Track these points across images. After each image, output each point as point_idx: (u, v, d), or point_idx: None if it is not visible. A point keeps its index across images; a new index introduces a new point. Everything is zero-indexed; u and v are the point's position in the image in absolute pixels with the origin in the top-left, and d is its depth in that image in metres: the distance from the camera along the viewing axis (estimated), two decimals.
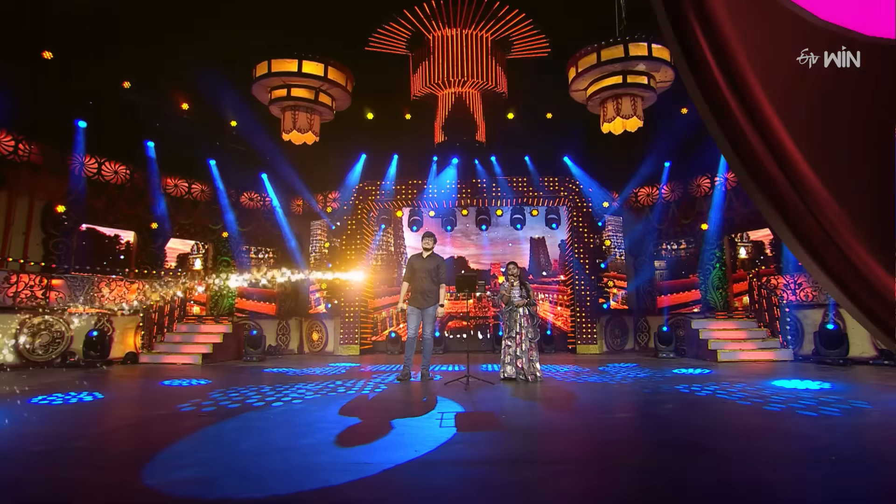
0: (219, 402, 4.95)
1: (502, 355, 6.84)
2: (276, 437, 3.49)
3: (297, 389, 5.83)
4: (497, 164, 13.21)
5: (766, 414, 4.22)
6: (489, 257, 14.42)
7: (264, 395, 5.30)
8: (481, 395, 5.39)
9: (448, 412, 4.29)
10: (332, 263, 13.20)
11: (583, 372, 7.76)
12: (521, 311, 6.82)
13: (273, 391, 5.68)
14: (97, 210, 11.36)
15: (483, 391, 5.65)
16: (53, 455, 3.05)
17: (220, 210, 13.09)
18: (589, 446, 3.35)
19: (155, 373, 8.22)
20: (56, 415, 4.43)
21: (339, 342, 12.66)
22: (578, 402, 5.01)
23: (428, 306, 6.83)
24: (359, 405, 4.82)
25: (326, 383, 6.44)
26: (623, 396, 5.44)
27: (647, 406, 4.84)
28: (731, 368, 8.09)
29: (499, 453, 3.11)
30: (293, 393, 5.52)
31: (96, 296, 10.38)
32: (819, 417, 3.95)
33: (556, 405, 4.84)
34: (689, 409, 4.55)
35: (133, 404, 5.14)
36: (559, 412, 4.51)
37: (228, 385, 6.24)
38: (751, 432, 3.69)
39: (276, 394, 5.48)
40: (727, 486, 2.43)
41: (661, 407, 4.68)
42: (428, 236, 7.01)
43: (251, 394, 5.46)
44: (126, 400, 5.45)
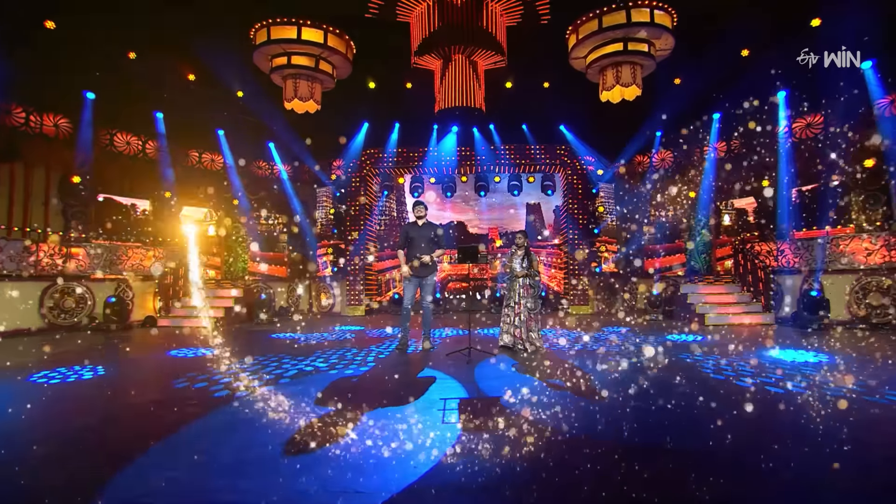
0: (213, 380, 4.46)
1: (501, 323, 6.35)
2: (255, 443, 2.85)
3: (296, 363, 5.34)
4: (495, 133, 12.33)
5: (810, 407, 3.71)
6: (487, 222, 13.76)
7: (260, 373, 4.78)
8: (484, 371, 4.89)
9: (451, 398, 3.79)
10: (337, 228, 12.55)
11: (581, 338, 7.28)
12: (520, 280, 6.27)
13: (273, 365, 5.19)
14: (111, 180, 10.64)
15: (486, 366, 5.15)
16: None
17: (230, 178, 12.33)
18: (621, 459, 2.84)
19: (167, 339, 7.76)
20: (41, 401, 3.85)
21: (345, 304, 12.20)
22: (587, 385, 4.51)
23: (427, 275, 6.25)
24: (355, 388, 4.32)
25: (330, 353, 5.95)
26: (632, 375, 4.95)
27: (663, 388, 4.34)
28: (720, 334, 7.62)
29: (510, 473, 2.47)
30: (293, 369, 5.03)
31: (117, 262, 9.82)
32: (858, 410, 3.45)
33: (565, 390, 4.34)
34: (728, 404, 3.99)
35: (128, 384, 4.48)
36: (569, 399, 4.00)
37: (230, 356, 5.76)
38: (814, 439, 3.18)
39: (274, 369, 4.99)
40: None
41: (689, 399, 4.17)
42: (419, 205, 6.27)
43: (248, 370, 4.96)
44: (123, 378, 4.77)
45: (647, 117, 11.79)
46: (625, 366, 4.96)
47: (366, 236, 12.49)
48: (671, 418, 3.29)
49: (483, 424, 3.14)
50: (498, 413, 3.39)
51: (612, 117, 11.56)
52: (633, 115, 11.64)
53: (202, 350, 6.28)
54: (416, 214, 6.28)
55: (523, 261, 6.34)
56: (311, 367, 5.09)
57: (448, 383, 4.35)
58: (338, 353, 6.03)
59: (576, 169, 12.24)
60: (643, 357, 5.49)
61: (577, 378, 4.46)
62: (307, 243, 13.39)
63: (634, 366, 4.98)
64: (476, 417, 3.31)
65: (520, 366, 5.15)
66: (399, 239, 6.32)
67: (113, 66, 9.78)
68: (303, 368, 5.03)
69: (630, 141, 12.30)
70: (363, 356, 5.79)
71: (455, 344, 6.72)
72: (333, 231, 12.63)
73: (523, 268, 6.29)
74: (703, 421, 3.21)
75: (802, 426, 3.10)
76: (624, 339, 7.14)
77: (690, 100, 10.79)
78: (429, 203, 13.79)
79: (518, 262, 6.32)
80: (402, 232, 6.32)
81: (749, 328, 8.28)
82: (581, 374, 4.65)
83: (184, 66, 10.93)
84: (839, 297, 8.55)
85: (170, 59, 10.91)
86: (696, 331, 8.02)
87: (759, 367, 4.93)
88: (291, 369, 4.99)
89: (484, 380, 4.47)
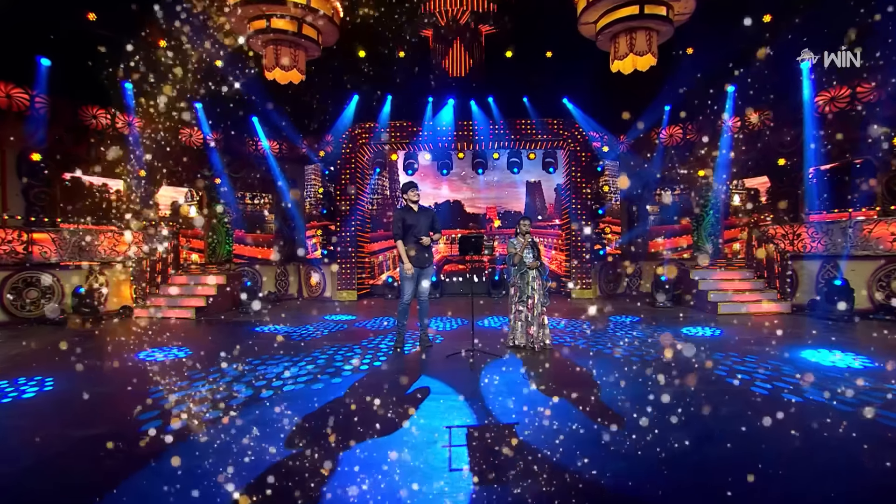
0: (171, 401, 3.79)
1: (512, 321, 5.69)
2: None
3: (277, 369, 4.68)
4: (495, 106, 11.45)
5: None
6: (485, 201, 13.01)
7: (231, 390, 4.10)
8: (492, 380, 4.26)
9: (457, 426, 3.16)
10: (326, 208, 11.75)
11: (590, 331, 6.68)
12: (532, 273, 5.61)
13: (248, 377, 4.53)
14: (78, 157, 9.68)
15: (492, 372, 4.52)
16: None
17: (210, 155, 11.40)
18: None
19: (141, 334, 7.06)
20: None
21: (336, 287, 11.52)
22: (614, 406, 3.91)
23: (427, 265, 5.56)
24: (338, 409, 3.68)
25: (316, 353, 5.29)
26: (661, 390, 4.35)
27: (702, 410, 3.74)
28: (737, 326, 7.07)
29: None
30: (269, 374, 4.37)
31: (87, 247, 9.00)
32: None
33: (594, 407, 3.73)
34: (780, 434, 3.44)
35: (70, 411, 3.63)
36: (599, 431, 3.39)
37: (205, 360, 5.08)
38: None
39: (249, 382, 4.33)
40: None
41: None
42: (412, 187, 5.50)
43: (217, 384, 4.30)
44: (68, 400, 3.97)
45: (656, 91, 10.96)
46: (650, 374, 4.36)
47: (357, 217, 11.71)
48: (726, 458, 2.68)
49: (502, 473, 2.51)
50: (518, 452, 2.75)
51: (618, 90, 10.68)
52: (641, 89, 10.76)
53: (175, 351, 5.59)
54: (411, 198, 5.52)
55: (532, 249, 5.67)
56: (291, 379, 4.42)
57: (451, 400, 3.72)
58: (325, 353, 5.37)
59: (580, 145, 11.45)
60: (665, 361, 4.90)
61: (601, 398, 3.84)
62: (295, 224, 12.60)
63: (659, 375, 4.38)
64: (491, 459, 2.68)
65: (531, 373, 4.53)
66: (394, 227, 5.58)
67: (71, 28, 8.72)
68: (283, 378, 4.37)
69: (637, 116, 11.47)
70: (349, 358, 5.14)
71: (455, 338, 6.10)
72: (323, 211, 11.83)
73: (535, 258, 5.63)
74: (768, 464, 2.60)
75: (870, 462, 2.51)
76: (636, 333, 6.56)
77: (704, 72, 9.97)
78: (423, 181, 13.06)
79: (529, 253, 5.65)
80: (397, 219, 5.56)
81: (766, 318, 7.73)
82: (604, 388, 4.03)
83: (153, 31, 9.84)
84: (859, 284, 8.00)
85: (137, 22, 9.81)
86: (710, 322, 7.47)
87: (798, 373, 4.35)
88: (269, 383, 4.33)
89: (494, 395, 3.84)
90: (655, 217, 12.33)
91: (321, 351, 5.52)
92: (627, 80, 10.07)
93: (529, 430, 3.09)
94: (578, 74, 10.93)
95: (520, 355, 5.22)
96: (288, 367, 4.74)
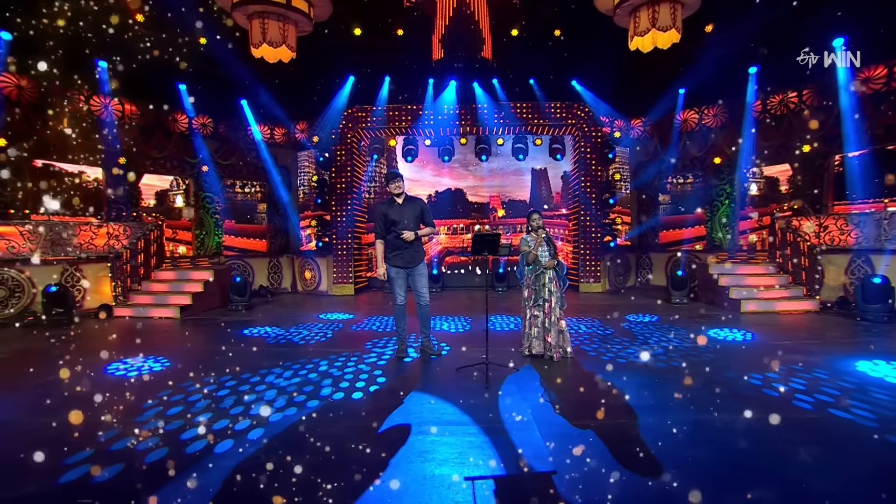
0: (116, 435, 3.16)
1: (527, 327, 5.08)
2: None
3: (258, 386, 4.05)
4: (500, 88, 10.68)
5: None
6: (488, 189, 12.29)
7: (208, 420, 3.49)
8: (512, 404, 3.64)
9: (479, 477, 2.53)
10: (321, 198, 11.02)
11: (608, 334, 6.08)
12: (549, 273, 4.97)
13: (226, 402, 3.90)
14: (49, 142, 8.87)
15: (511, 392, 3.90)
16: None
17: (195, 141, 10.60)
18: None
19: (117, 338, 6.40)
20: None
21: (332, 281, 10.86)
22: (662, 432, 3.31)
23: (416, 264, 4.92)
24: (321, 451, 3.06)
25: (305, 362, 4.65)
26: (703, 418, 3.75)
27: (764, 446, 3.14)
28: (767, 327, 6.49)
29: None
30: (245, 411, 3.74)
31: (61, 241, 8.27)
32: None
33: (640, 446, 3.12)
34: None
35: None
36: (652, 471, 2.78)
37: (179, 375, 4.43)
38: None
39: (222, 411, 3.70)
40: None
41: None
42: (394, 178, 4.84)
43: (193, 414, 3.67)
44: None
45: (672, 73, 10.23)
46: (692, 396, 3.76)
47: (353, 206, 11.00)
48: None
49: None
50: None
51: (632, 72, 9.92)
52: (656, 70, 10.03)
53: (151, 363, 4.94)
54: (393, 190, 4.88)
55: (548, 246, 5.03)
56: (270, 402, 3.79)
57: (467, 433, 3.10)
58: (316, 365, 4.73)
59: (590, 130, 10.72)
60: (707, 376, 4.30)
61: (644, 430, 3.23)
62: (288, 215, 11.89)
63: (704, 396, 3.78)
64: None
65: (557, 394, 3.91)
66: (375, 225, 4.94)
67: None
68: (261, 400, 3.73)
69: (651, 99, 10.77)
70: (349, 370, 4.50)
71: (462, 344, 5.46)
72: (317, 200, 11.10)
73: (550, 256, 4.99)
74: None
75: None
76: (661, 336, 5.96)
77: (724, 52, 9.23)
78: (423, 168, 12.32)
79: (544, 251, 5.00)
80: (378, 215, 4.91)
81: (795, 318, 7.15)
82: (644, 416, 3.42)
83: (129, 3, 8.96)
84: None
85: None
86: (735, 322, 6.88)
87: (864, 393, 3.76)
88: (244, 410, 3.69)
89: (517, 425, 3.21)
90: (667, 207, 11.69)
91: (313, 364, 4.88)
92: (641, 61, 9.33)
93: (568, 479, 2.48)
94: (588, 55, 10.17)
95: (540, 369, 4.60)
96: (274, 382, 4.10)
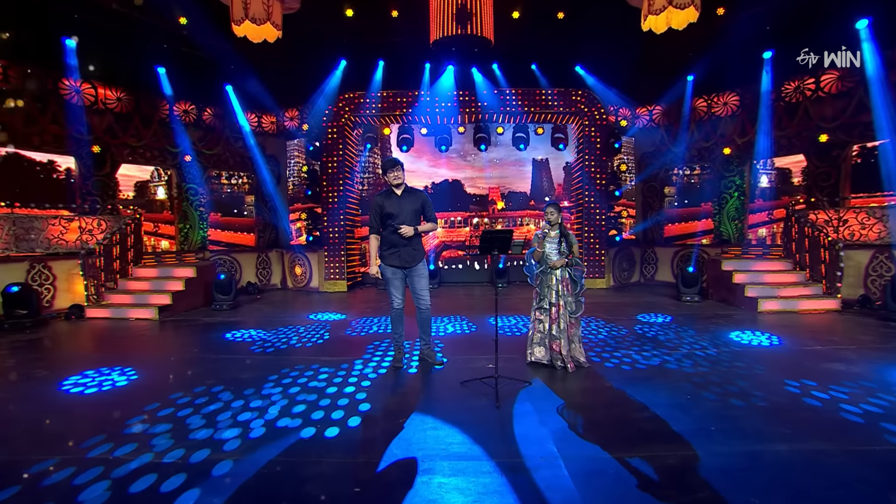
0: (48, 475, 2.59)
1: (530, 331, 4.57)
2: None
3: (231, 405, 3.48)
4: (500, 73, 10.05)
5: None
6: (487, 180, 11.71)
7: (169, 448, 2.94)
8: (531, 431, 3.10)
9: None
10: (311, 189, 10.39)
11: (623, 337, 5.56)
12: (558, 273, 4.43)
13: (199, 431, 3.33)
14: (14, 129, 8.14)
15: (527, 412, 3.36)
16: None
17: (175, 128, 9.89)
18: None
19: (84, 345, 5.80)
20: None
21: (324, 277, 10.26)
22: (721, 469, 2.78)
23: (415, 264, 4.36)
24: None
25: (289, 372, 4.09)
26: (754, 451, 3.22)
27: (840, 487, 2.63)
28: (792, 328, 6.01)
29: None
30: (224, 416, 3.18)
31: (26, 237, 7.60)
32: None
33: (697, 485, 2.60)
34: None
35: None
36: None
37: (149, 393, 3.85)
38: None
39: (191, 445, 3.13)
40: None
41: None
42: (393, 166, 4.27)
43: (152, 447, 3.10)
44: None
45: (683, 58, 9.67)
46: (729, 412, 3.25)
47: (346, 198, 10.38)
48: None
49: None
50: None
51: (640, 58, 9.32)
52: (665, 56, 9.46)
53: (116, 376, 4.34)
54: (392, 180, 4.30)
55: (561, 244, 4.48)
56: (245, 426, 3.22)
57: (481, 472, 2.56)
58: (300, 377, 4.16)
59: (595, 118, 10.16)
60: (738, 387, 3.79)
61: (696, 464, 2.70)
62: (276, 207, 11.23)
63: (742, 413, 3.27)
64: None
65: (578, 416, 3.39)
66: (370, 218, 4.37)
67: None
68: (236, 426, 3.17)
69: (660, 86, 10.22)
70: (335, 386, 3.94)
71: (464, 349, 4.91)
72: (307, 192, 10.46)
73: (562, 253, 4.45)
74: None
75: None
76: (681, 340, 5.46)
77: (736, 36, 8.68)
78: (419, 159, 11.70)
79: (554, 247, 4.46)
80: (373, 207, 4.34)
81: (818, 319, 6.69)
82: (691, 444, 2.90)
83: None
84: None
85: None
86: (754, 322, 6.41)
87: None
88: (214, 444, 3.12)
89: (540, 465, 2.67)
90: (672, 199, 11.19)
91: (300, 372, 4.31)
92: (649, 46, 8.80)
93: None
94: (594, 38, 9.56)
95: (555, 383, 4.07)
96: (252, 403, 3.54)
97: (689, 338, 5.56)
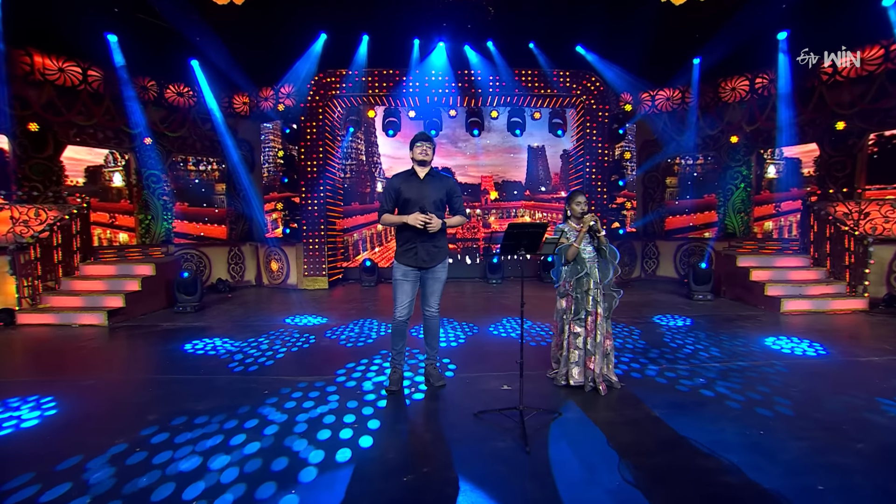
0: None
1: (565, 348, 3.71)
2: None
3: (188, 451, 2.56)
4: (496, 52, 9.14)
5: None
6: (480, 169, 10.82)
7: None
8: (574, 485, 2.27)
9: None
10: (288, 177, 9.33)
11: (646, 348, 4.80)
12: (595, 275, 3.63)
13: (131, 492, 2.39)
14: None
15: (565, 459, 2.54)
16: None
17: (137, 107, 8.68)
18: None
19: (4, 362, 4.73)
20: None
21: (303, 273, 9.26)
22: None
23: (435, 264, 3.48)
24: None
25: (264, 400, 3.18)
26: None
27: None
28: (828, 333, 5.36)
29: None
30: (165, 473, 2.26)
31: None
32: None
33: None
34: None
35: None
36: None
37: (72, 434, 2.88)
38: None
39: None
40: None
41: None
42: (423, 140, 3.44)
43: None
44: None
45: (689, 41, 8.93)
46: (823, 457, 2.49)
47: (326, 187, 9.36)
48: None
49: None
50: None
51: (646, 37, 8.56)
52: (672, 36, 8.71)
53: (27, 413, 3.34)
54: (417, 154, 3.45)
55: (594, 240, 3.68)
56: (192, 496, 2.30)
57: None
58: (276, 408, 3.24)
59: (597, 102, 9.36)
60: (812, 416, 3.05)
61: None
62: (250, 197, 10.13)
63: (839, 460, 2.52)
64: None
65: (630, 459, 2.57)
66: (382, 200, 3.49)
67: None
68: (177, 495, 2.25)
69: (664, 71, 9.47)
70: (316, 417, 3.04)
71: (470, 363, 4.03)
72: (284, 180, 9.40)
73: (602, 250, 3.66)
74: None
75: None
76: (713, 350, 4.73)
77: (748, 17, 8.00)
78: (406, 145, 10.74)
79: (588, 244, 3.65)
80: (387, 191, 3.48)
81: (848, 320, 6.08)
82: None
83: None
84: None
85: None
86: (781, 325, 5.75)
87: None
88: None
89: None
90: (675, 190, 10.53)
91: (269, 402, 3.38)
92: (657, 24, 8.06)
93: None
94: (597, 16, 8.72)
95: (591, 411, 3.25)
96: (204, 447, 2.61)
97: (723, 346, 4.84)
